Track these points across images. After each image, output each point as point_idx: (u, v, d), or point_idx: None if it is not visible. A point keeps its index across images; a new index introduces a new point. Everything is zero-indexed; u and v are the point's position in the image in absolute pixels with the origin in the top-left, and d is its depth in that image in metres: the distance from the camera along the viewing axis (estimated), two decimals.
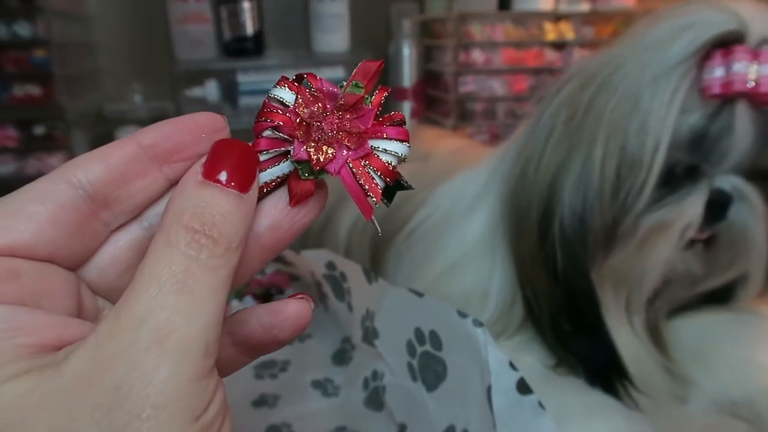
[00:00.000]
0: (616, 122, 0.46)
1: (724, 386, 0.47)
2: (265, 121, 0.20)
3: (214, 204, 0.18)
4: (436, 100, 1.06)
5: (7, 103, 0.84)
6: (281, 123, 0.19)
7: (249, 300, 0.65)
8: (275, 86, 0.20)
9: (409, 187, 0.21)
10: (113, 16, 1.05)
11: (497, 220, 0.54)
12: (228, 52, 1.00)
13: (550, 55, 0.99)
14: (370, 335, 0.51)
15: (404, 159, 0.20)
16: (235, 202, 0.18)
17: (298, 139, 0.19)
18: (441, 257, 0.58)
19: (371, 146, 0.20)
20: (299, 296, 0.22)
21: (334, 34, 1.02)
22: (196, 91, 0.99)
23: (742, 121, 0.43)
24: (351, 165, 0.20)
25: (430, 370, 0.45)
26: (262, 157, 0.20)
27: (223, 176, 0.18)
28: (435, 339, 0.44)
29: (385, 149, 0.20)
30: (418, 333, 0.45)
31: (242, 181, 0.19)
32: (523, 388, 0.37)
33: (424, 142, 0.81)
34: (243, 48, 0.99)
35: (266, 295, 0.67)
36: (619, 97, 0.45)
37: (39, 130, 0.86)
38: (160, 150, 0.20)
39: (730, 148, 0.44)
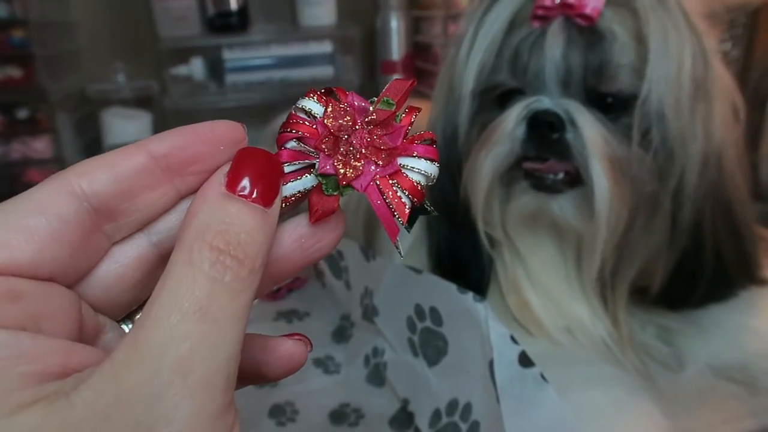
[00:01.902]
0: (451, 57, 0.49)
1: (718, 351, 0.48)
2: (290, 131, 0.19)
3: (239, 220, 0.17)
4: (425, 73, 1.05)
5: None
6: (307, 134, 0.19)
7: None
8: (303, 97, 0.19)
9: (432, 212, 0.20)
10: None
11: None
12: (212, 28, 0.98)
13: None
14: (369, 312, 0.51)
15: (433, 179, 0.19)
16: (261, 218, 0.17)
17: (324, 152, 0.19)
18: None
19: (400, 164, 0.19)
20: (296, 337, 0.21)
21: (320, 7, 1.00)
22: (181, 69, 0.97)
23: (552, 37, 0.44)
24: (378, 182, 0.19)
25: (431, 346, 0.45)
26: (285, 169, 0.19)
27: (246, 188, 0.17)
28: (435, 315, 0.44)
29: (413, 168, 0.19)
30: (418, 309, 0.46)
31: (266, 194, 0.18)
32: (525, 361, 0.38)
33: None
34: (227, 23, 0.97)
35: None
36: (460, 32, 0.49)
37: (22, 113, 0.84)
38: (173, 161, 0.18)
39: (541, 67, 0.44)
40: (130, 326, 0.21)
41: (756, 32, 0.83)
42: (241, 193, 0.17)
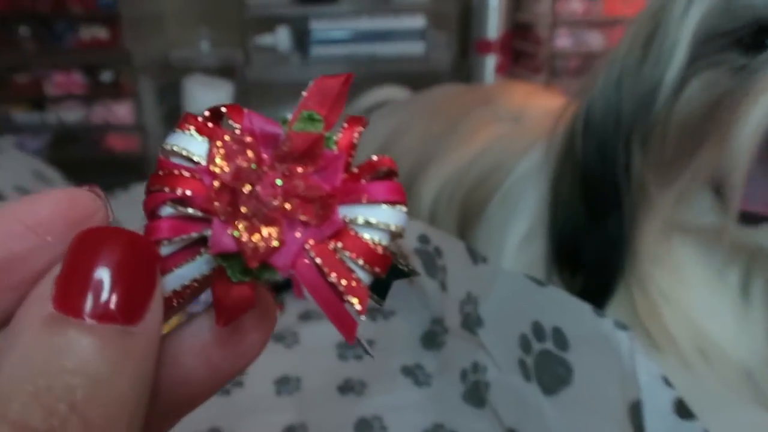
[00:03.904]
0: (654, 8, 0.41)
1: None
2: (163, 190, 0.12)
3: (74, 364, 0.10)
4: (522, 54, 0.97)
5: (73, 46, 0.80)
6: (189, 192, 0.12)
7: None
8: (175, 130, 0.13)
9: (412, 273, 0.14)
10: None
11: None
12: None
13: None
14: (471, 322, 0.45)
15: (400, 234, 0.13)
16: (119, 349, 0.10)
17: (218, 217, 0.12)
18: (516, 227, 0.52)
19: (344, 218, 0.12)
20: None
21: None
22: (266, 39, 0.93)
23: None
24: (313, 253, 0.12)
25: (548, 372, 0.39)
26: (163, 250, 0.12)
27: (92, 301, 0.10)
28: (559, 337, 0.38)
29: (367, 221, 0.12)
30: (537, 327, 0.39)
31: (132, 302, 0.11)
32: (683, 410, 0.31)
33: (514, 100, 0.73)
34: None
35: None
36: None
37: (106, 76, 0.82)
38: None
39: None
40: None
41: None
42: (84, 310, 0.10)
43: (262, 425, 0.43)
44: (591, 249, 0.46)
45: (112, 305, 0.10)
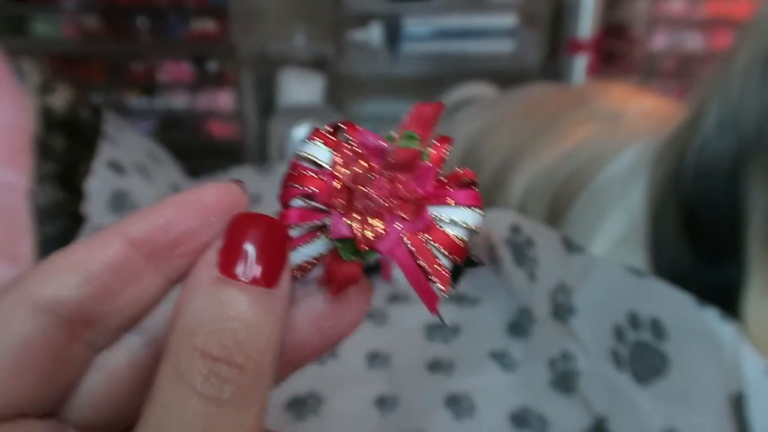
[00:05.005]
0: None
1: None
2: (295, 186, 0.16)
3: (236, 312, 0.14)
4: (613, 55, 0.96)
5: (183, 38, 0.86)
6: (315, 189, 0.15)
7: None
8: (306, 141, 0.16)
9: (480, 263, 0.17)
10: None
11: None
12: None
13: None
14: (563, 311, 0.45)
15: (477, 231, 0.16)
16: (265, 304, 0.14)
17: (337, 210, 0.15)
18: (607, 230, 0.52)
19: (433, 216, 0.16)
20: None
21: None
22: (358, 35, 0.96)
23: None
24: (408, 241, 0.15)
25: (643, 362, 0.39)
26: (292, 233, 0.16)
27: (244, 268, 0.14)
28: (657, 328, 0.38)
29: (451, 219, 0.16)
30: (632, 318, 0.39)
31: (271, 270, 0.14)
32: None
33: (612, 100, 0.73)
34: None
35: None
36: None
37: (212, 66, 0.87)
38: (155, 246, 0.15)
39: None
40: None
41: None
42: (239, 275, 0.14)
43: (356, 393, 0.45)
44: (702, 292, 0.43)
45: (258, 272, 0.14)
